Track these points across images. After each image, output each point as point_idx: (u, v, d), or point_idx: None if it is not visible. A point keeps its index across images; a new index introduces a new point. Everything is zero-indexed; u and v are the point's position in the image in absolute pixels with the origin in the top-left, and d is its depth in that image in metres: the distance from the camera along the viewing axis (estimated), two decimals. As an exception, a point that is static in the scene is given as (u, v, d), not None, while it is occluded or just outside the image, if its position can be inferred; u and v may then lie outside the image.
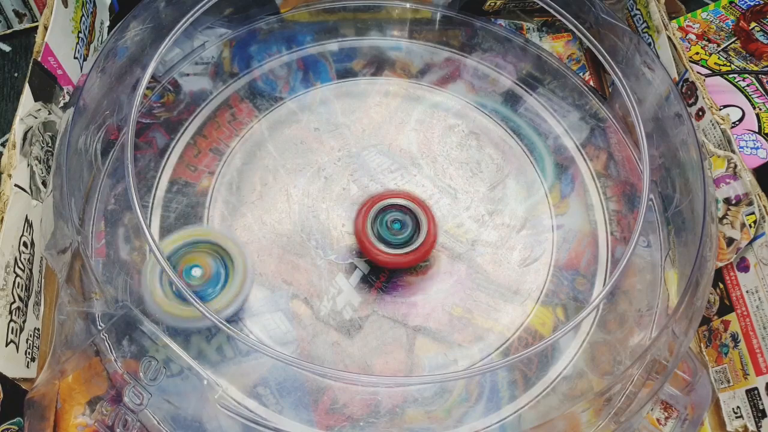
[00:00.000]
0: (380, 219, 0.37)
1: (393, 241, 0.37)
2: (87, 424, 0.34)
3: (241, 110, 0.44)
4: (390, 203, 0.37)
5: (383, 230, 0.37)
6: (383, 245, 0.36)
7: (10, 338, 0.33)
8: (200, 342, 0.35)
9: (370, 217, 0.37)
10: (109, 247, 0.38)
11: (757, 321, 0.36)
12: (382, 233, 0.37)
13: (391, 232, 0.37)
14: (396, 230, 0.37)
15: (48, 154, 0.39)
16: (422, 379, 0.35)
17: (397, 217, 0.37)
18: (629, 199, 0.42)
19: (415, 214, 0.37)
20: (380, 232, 0.37)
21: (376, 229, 0.37)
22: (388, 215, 0.37)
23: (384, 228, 0.37)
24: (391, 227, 0.37)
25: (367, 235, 0.36)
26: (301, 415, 0.34)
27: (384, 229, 0.37)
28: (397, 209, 0.37)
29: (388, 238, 0.37)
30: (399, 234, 0.37)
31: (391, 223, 0.37)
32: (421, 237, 0.37)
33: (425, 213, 0.37)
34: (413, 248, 0.36)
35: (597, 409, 0.32)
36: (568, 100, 0.46)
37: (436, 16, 0.49)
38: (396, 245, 0.37)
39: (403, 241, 0.37)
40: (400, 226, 0.37)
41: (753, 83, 0.46)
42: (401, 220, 0.37)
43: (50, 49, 0.39)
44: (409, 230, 0.37)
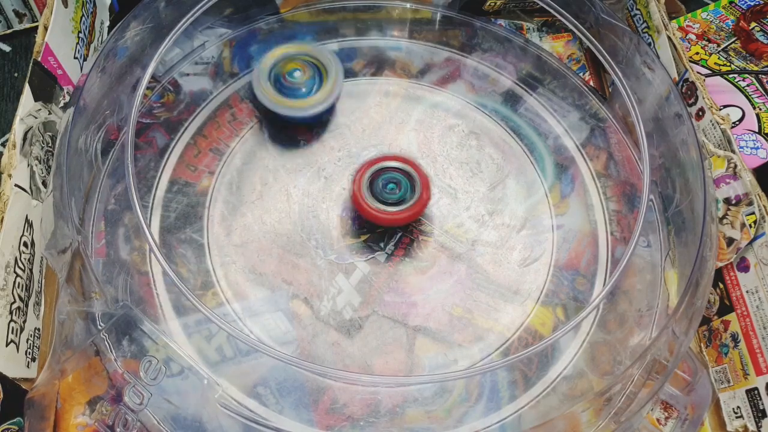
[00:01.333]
0: (376, 181, 0.38)
1: (388, 199, 0.38)
2: (87, 423, 0.34)
3: (241, 110, 0.44)
4: (385, 166, 0.38)
5: (377, 191, 0.38)
6: (379, 204, 0.37)
7: (11, 338, 0.33)
8: (200, 342, 0.35)
9: (365, 179, 0.38)
10: (109, 247, 0.38)
11: (757, 321, 0.36)
12: (377, 193, 0.38)
13: (386, 191, 0.38)
14: (390, 190, 0.38)
15: (48, 154, 0.39)
16: (422, 379, 0.35)
17: (391, 179, 0.38)
18: (629, 199, 0.42)
19: (409, 174, 0.38)
20: (375, 192, 0.38)
21: (372, 190, 0.38)
22: (382, 177, 0.38)
23: (378, 188, 0.38)
24: (386, 188, 0.38)
25: (363, 195, 0.37)
26: (301, 415, 0.34)
27: (379, 190, 0.38)
28: (392, 171, 0.38)
29: (383, 198, 0.38)
30: (393, 193, 0.38)
31: (386, 184, 0.38)
32: (416, 195, 0.38)
33: (418, 173, 0.38)
34: (408, 206, 0.37)
35: (597, 409, 0.32)
36: (568, 100, 0.46)
37: (436, 16, 0.49)
38: (391, 204, 0.37)
39: (398, 199, 0.38)
40: (394, 186, 0.38)
41: (753, 83, 0.46)
42: (396, 181, 0.38)
43: (50, 49, 0.39)
44: (402, 190, 0.38)
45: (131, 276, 0.37)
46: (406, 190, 0.38)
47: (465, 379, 0.36)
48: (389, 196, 0.38)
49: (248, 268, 0.38)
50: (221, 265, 0.38)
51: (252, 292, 0.37)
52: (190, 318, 0.36)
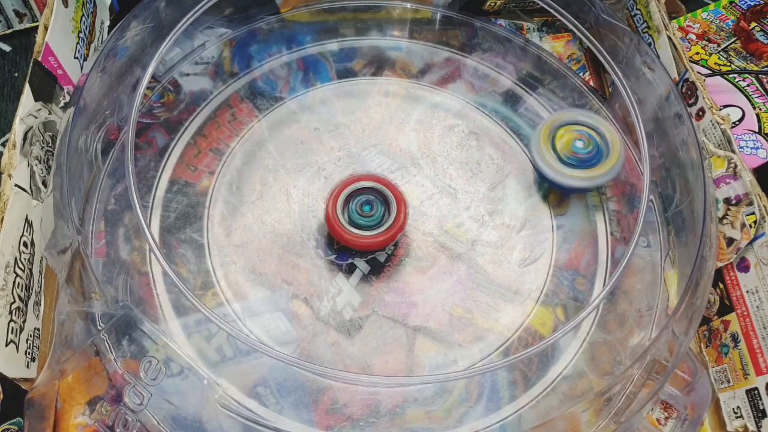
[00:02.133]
0: (350, 203, 0.37)
1: (364, 223, 0.37)
2: (87, 423, 0.34)
3: (241, 110, 0.44)
4: (359, 187, 0.38)
5: (354, 214, 0.37)
6: (355, 228, 0.36)
7: (10, 338, 0.33)
8: (200, 342, 0.35)
9: (339, 201, 0.37)
10: (109, 247, 0.38)
11: (757, 321, 0.36)
12: (353, 217, 0.37)
13: (361, 215, 0.37)
14: (366, 212, 0.37)
15: (48, 154, 0.39)
16: (422, 379, 0.35)
17: (366, 200, 0.37)
18: (629, 199, 0.42)
19: (384, 195, 0.37)
20: (351, 216, 0.37)
21: (347, 213, 0.37)
22: (357, 199, 0.37)
23: (354, 212, 0.37)
24: (362, 210, 0.37)
25: (338, 219, 0.36)
26: (301, 415, 0.34)
27: (354, 213, 0.37)
28: (367, 192, 0.38)
29: (359, 222, 0.37)
30: (369, 216, 0.37)
31: (361, 206, 0.37)
32: (391, 218, 0.37)
33: (394, 194, 0.37)
34: (384, 229, 0.37)
35: (597, 409, 0.32)
36: (568, 100, 0.46)
37: (436, 16, 0.49)
38: (367, 227, 0.37)
39: (374, 223, 0.37)
40: (369, 209, 0.37)
41: (753, 83, 0.46)
42: (371, 203, 0.37)
43: (50, 49, 0.39)
44: (379, 212, 0.37)
45: (131, 276, 0.37)
46: (383, 212, 0.37)
47: (465, 379, 0.36)
48: (364, 219, 0.37)
49: (248, 268, 0.38)
50: (221, 265, 0.38)
51: (252, 292, 0.37)
52: (190, 318, 0.36)
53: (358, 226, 0.37)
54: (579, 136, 0.40)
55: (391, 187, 0.38)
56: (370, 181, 0.38)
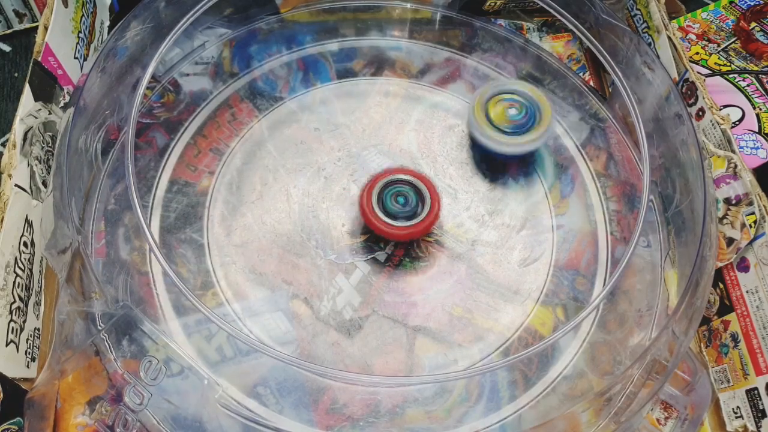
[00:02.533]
0: (385, 194, 0.38)
1: (398, 213, 0.37)
2: (87, 423, 0.34)
3: (241, 110, 0.44)
4: (394, 179, 0.38)
5: (388, 204, 0.37)
6: (388, 218, 0.37)
7: (10, 338, 0.33)
8: (200, 342, 0.35)
9: (375, 192, 0.37)
10: (109, 247, 0.38)
11: (757, 321, 0.36)
12: (387, 206, 0.37)
13: (395, 206, 0.37)
14: (400, 204, 0.37)
15: (48, 154, 0.39)
16: (422, 379, 0.35)
17: (400, 191, 0.38)
18: (629, 199, 0.42)
19: (418, 188, 0.38)
20: (385, 205, 0.37)
21: (382, 203, 0.37)
22: (392, 190, 0.38)
23: (389, 202, 0.37)
24: (396, 201, 0.37)
25: (373, 208, 0.37)
26: (301, 415, 0.34)
27: (389, 203, 0.37)
28: (401, 184, 0.38)
29: (392, 211, 0.37)
30: (403, 207, 0.37)
31: (395, 197, 0.38)
32: (425, 210, 0.37)
33: (428, 187, 0.38)
34: (418, 221, 0.37)
35: (597, 409, 0.32)
36: (568, 100, 0.46)
37: (436, 16, 0.49)
38: (401, 218, 0.37)
39: (409, 214, 0.37)
40: (404, 200, 0.37)
41: (753, 83, 0.46)
42: (405, 194, 0.38)
43: (50, 49, 0.39)
44: (412, 204, 0.37)
45: (131, 276, 0.37)
46: (416, 203, 0.38)
47: (465, 379, 0.36)
48: (398, 210, 0.37)
49: (248, 268, 0.38)
50: (221, 265, 0.38)
51: (252, 292, 0.37)
52: (190, 318, 0.36)
53: (392, 216, 0.37)
54: (511, 104, 0.41)
55: (424, 179, 0.38)
56: (405, 174, 0.38)
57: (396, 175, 0.38)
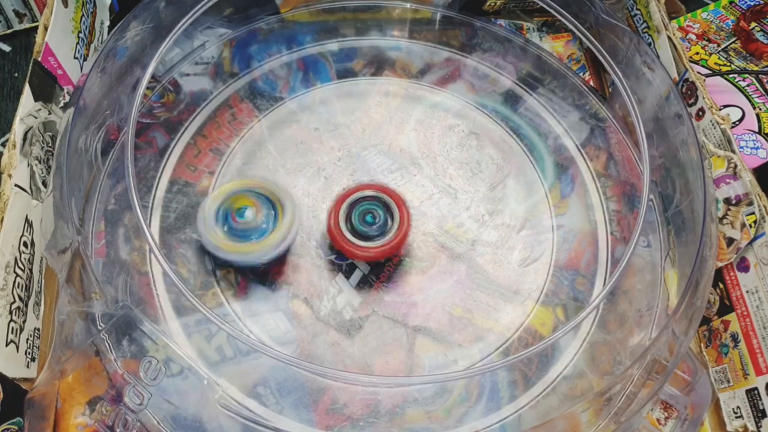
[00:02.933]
0: (353, 214, 0.37)
1: (368, 233, 0.36)
2: (87, 423, 0.34)
3: (241, 110, 0.44)
4: (361, 196, 0.37)
5: (357, 224, 0.36)
6: (358, 239, 0.36)
7: (10, 338, 0.33)
8: (200, 342, 0.35)
9: (342, 213, 0.36)
10: (109, 247, 0.38)
11: (757, 321, 0.36)
12: (356, 227, 0.36)
13: (363, 225, 0.36)
14: (369, 223, 0.36)
15: (48, 154, 0.39)
16: (422, 379, 0.35)
17: (369, 209, 0.37)
18: (629, 199, 0.42)
19: (386, 203, 0.37)
20: (354, 226, 0.36)
21: (350, 224, 0.36)
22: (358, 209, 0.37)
23: (357, 222, 0.36)
24: (364, 220, 0.36)
25: (341, 231, 0.36)
26: (301, 415, 0.34)
27: (357, 223, 0.36)
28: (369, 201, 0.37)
29: (362, 232, 0.36)
30: (372, 226, 0.36)
31: (364, 215, 0.36)
32: (395, 227, 0.36)
33: (395, 201, 0.37)
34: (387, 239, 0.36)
35: (597, 409, 0.32)
36: (568, 100, 0.46)
37: (436, 16, 0.49)
38: (370, 238, 0.36)
39: (378, 233, 0.36)
40: (372, 219, 0.36)
41: (753, 83, 0.46)
42: (373, 212, 0.37)
43: (50, 49, 0.39)
44: (381, 220, 0.36)
45: (131, 276, 0.37)
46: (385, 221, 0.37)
47: (465, 379, 0.36)
48: (367, 229, 0.36)
49: (248, 268, 0.38)
50: (221, 265, 0.38)
51: (252, 292, 0.37)
52: (190, 318, 0.36)
53: (361, 236, 0.36)
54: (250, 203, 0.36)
55: (390, 193, 0.37)
56: (370, 189, 0.37)
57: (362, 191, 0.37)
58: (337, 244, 0.36)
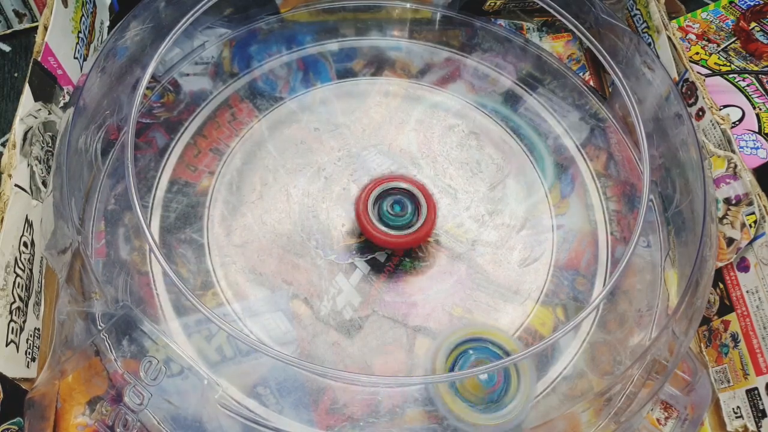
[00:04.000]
0: (381, 202, 0.38)
1: (393, 223, 0.37)
2: (87, 423, 0.34)
3: (241, 110, 0.44)
4: (391, 186, 0.38)
5: (384, 213, 0.37)
6: (384, 227, 0.37)
7: (10, 338, 0.33)
8: (200, 342, 0.35)
9: (371, 199, 0.37)
10: (109, 247, 0.38)
11: (757, 321, 0.36)
12: (383, 215, 0.37)
13: (391, 214, 0.37)
14: (396, 212, 0.37)
15: (48, 154, 0.39)
16: (422, 379, 0.35)
17: (397, 200, 0.38)
18: (629, 199, 0.42)
19: (416, 197, 0.38)
20: (381, 214, 0.37)
21: (377, 211, 0.37)
22: (388, 198, 0.38)
23: (384, 211, 0.37)
24: (392, 209, 0.37)
25: (369, 216, 0.37)
26: (301, 415, 0.34)
27: (384, 212, 0.37)
28: (398, 192, 0.38)
29: (388, 220, 0.37)
30: (399, 216, 0.37)
31: (392, 205, 0.37)
32: (421, 219, 0.37)
33: (425, 196, 0.38)
34: (413, 230, 0.37)
35: (597, 409, 0.32)
36: (568, 100, 0.46)
37: (436, 16, 0.49)
38: (396, 227, 0.37)
39: (404, 223, 0.37)
40: (400, 208, 0.37)
41: (753, 83, 0.46)
42: (401, 203, 0.37)
43: (50, 49, 0.39)
44: (409, 212, 0.37)
45: (131, 276, 0.37)
46: (413, 212, 0.37)
47: (465, 379, 0.36)
48: (395, 219, 0.37)
49: (248, 268, 0.38)
50: (221, 265, 0.38)
51: (252, 292, 0.37)
52: (190, 318, 0.36)
53: (389, 225, 0.37)
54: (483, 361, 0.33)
55: (420, 187, 0.38)
56: (401, 181, 0.38)
57: (393, 182, 0.38)
58: (367, 232, 0.37)
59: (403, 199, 0.38)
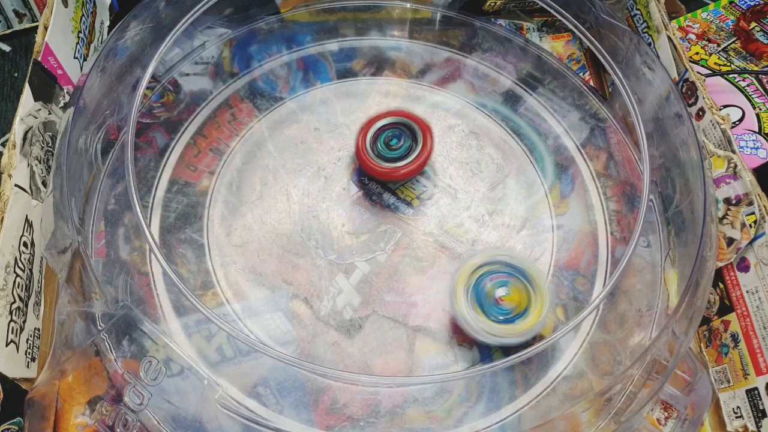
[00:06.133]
0: (379, 137, 0.39)
1: (390, 155, 0.38)
2: (87, 423, 0.34)
3: (241, 110, 0.44)
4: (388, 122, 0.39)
5: (381, 147, 0.38)
6: (381, 161, 0.38)
7: (11, 338, 0.33)
8: (200, 342, 0.35)
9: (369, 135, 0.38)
10: (109, 247, 0.38)
11: (757, 321, 0.36)
12: (380, 149, 0.38)
13: (388, 147, 0.38)
14: (393, 145, 0.38)
15: (48, 154, 0.39)
16: (422, 379, 0.35)
17: (394, 134, 0.39)
18: (629, 199, 0.42)
19: (412, 129, 0.39)
20: (379, 149, 0.38)
21: (376, 146, 0.38)
22: (385, 134, 0.39)
23: (382, 144, 0.39)
24: (389, 143, 0.38)
25: (367, 151, 0.38)
26: (301, 415, 0.34)
27: (382, 146, 0.39)
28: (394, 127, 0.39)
29: (385, 154, 0.38)
30: (396, 148, 0.39)
31: (389, 139, 0.39)
32: (418, 149, 0.38)
33: (421, 127, 0.39)
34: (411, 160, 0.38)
35: (597, 409, 0.32)
36: (568, 100, 0.46)
37: (436, 16, 0.49)
38: (393, 159, 0.38)
39: (401, 154, 0.38)
40: (396, 141, 0.39)
41: (753, 83, 0.46)
42: (398, 136, 0.39)
43: (50, 49, 0.39)
44: (405, 144, 0.39)
45: (131, 276, 0.37)
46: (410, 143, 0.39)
47: (465, 379, 0.36)
48: (392, 152, 0.38)
49: (248, 268, 0.38)
50: (221, 265, 0.38)
51: (252, 292, 0.37)
52: (190, 318, 0.36)
53: (386, 159, 0.38)
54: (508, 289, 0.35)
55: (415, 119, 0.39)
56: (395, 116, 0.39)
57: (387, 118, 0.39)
58: (366, 165, 0.38)
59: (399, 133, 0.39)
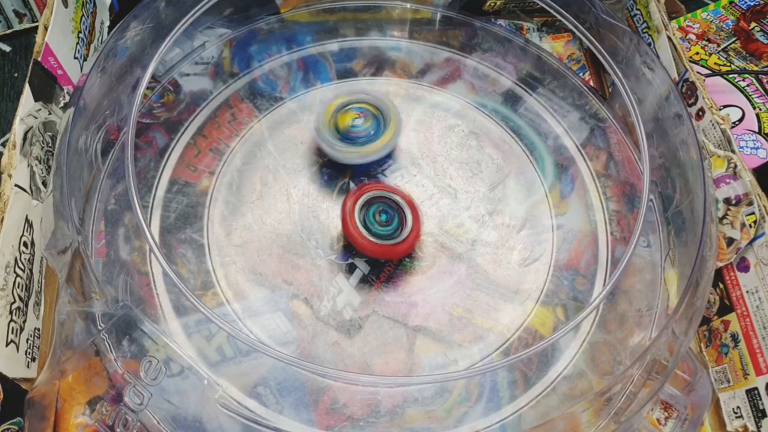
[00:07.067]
0: (366, 210, 0.38)
1: (379, 232, 0.37)
2: (87, 423, 0.34)
3: (241, 110, 0.44)
4: (377, 195, 0.38)
5: (369, 221, 0.37)
6: (369, 235, 0.37)
7: (11, 338, 0.33)
8: (200, 342, 0.35)
9: (357, 206, 0.37)
10: (109, 247, 0.38)
11: (757, 321, 0.36)
12: (368, 224, 0.37)
13: (377, 223, 0.37)
14: (382, 221, 0.37)
15: (48, 154, 0.39)
16: (422, 379, 0.35)
17: (383, 209, 0.38)
18: (629, 199, 0.42)
19: (401, 207, 0.38)
20: (366, 222, 0.37)
21: (362, 218, 0.37)
22: (374, 207, 0.38)
23: (371, 219, 0.37)
24: (378, 218, 0.37)
25: (355, 224, 0.37)
26: (301, 415, 0.34)
27: (370, 220, 0.37)
28: (383, 201, 0.38)
29: (374, 229, 0.37)
30: (385, 225, 0.37)
31: (378, 214, 0.38)
32: (406, 231, 0.37)
33: (410, 207, 0.38)
34: (398, 241, 0.37)
35: (597, 409, 0.32)
36: (568, 100, 0.46)
37: (436, 16, 0.49)
38: (382, 237, 0.37)
39: (389, 233, 0.37)
40: (386, 218, 0.38)
41: (753, 83, 0.46)
42: (387, 212, 0.38)
43: (50, 49, 0.39)
44: (394, 223, 0.38)
45: (131, 276, 0.37)
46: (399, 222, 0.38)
47: (465, 379, 0.36)
48: (380, 229, 0.37)
49: (248, 268, 0.38)
50: (221, 265, 0.38)
51: (252, 292, 0.37)
52: (190, 318, 0.36)
53: (376, 235, 0.37)
54: (358, 114, 0.40)
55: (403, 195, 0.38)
56: (384, 191, 0.38)
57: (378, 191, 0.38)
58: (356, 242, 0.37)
59: (388, 209, 0.38)
